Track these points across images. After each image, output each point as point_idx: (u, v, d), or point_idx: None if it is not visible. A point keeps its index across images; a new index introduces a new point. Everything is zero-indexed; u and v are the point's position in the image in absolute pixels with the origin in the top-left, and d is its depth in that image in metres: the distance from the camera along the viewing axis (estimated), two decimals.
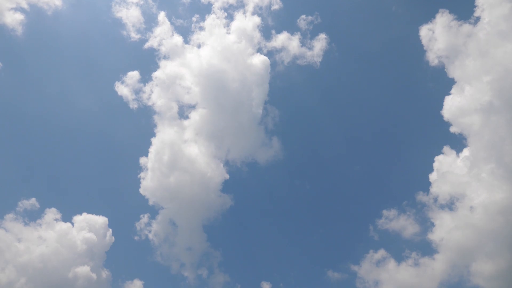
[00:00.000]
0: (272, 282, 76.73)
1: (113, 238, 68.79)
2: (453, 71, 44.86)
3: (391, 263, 68.87)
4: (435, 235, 64.21)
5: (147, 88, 58.49)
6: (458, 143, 55.35)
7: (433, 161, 53.08)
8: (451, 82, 46.50)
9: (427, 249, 69.32)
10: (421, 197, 72.74)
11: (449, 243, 58.72)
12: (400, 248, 72.66)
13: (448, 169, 47.23)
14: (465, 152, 44.92)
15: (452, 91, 44.95)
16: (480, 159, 41.91)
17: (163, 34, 58.63)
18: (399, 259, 71.10)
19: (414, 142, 67.54)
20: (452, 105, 44.07)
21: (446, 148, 49.03)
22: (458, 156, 48.04)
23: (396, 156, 74.10)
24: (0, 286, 51.98)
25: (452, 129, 44.64)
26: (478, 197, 45.48)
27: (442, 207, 67.01)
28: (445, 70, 46.47)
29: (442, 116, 46.01)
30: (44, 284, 55.90)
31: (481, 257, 57.66)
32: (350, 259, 77.13)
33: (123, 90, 57.89)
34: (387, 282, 65.26)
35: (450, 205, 67.26)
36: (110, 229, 69.45)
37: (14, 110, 58.68)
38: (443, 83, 49.85)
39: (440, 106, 45.69)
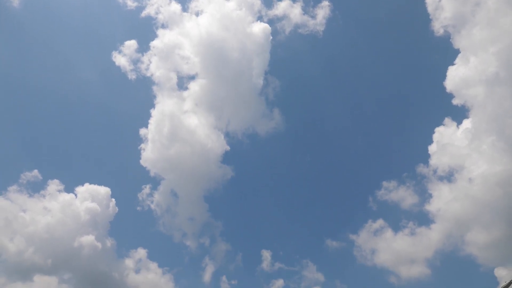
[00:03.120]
0: (272, 250, 78.31)
1: (117, 208, 69.68)
2: (459, 41, 43.61)
3: (388, 233, 70.15)
4: (433, 206, 65.02)
5: (145, 58, 57.17)
6: (460, 114, 54.84)
7: (433, 133, 52.91)
8: (455, 53, 45.24)
9: (424, 219, 70.40)
10: (421, 169, 72.98)
11: (445, 213, 59.59)
12: (397, 218, 73.77)
13: (448, 141, 47.12)
14: (466, 124, 44.58)
15: (456, 61, 43.88)
16: (482, 131, 41.67)
17: (161, 2, 56.19)
18: (396, 228, 72.32)
19: (415, 114, 66.92)
20: (455, 76, 43.24)
21: (447, 120, 48.64)
22: (458, 128, 47.83)
23: (397, 128, 73.75)
24: (11, 255, 53.41)
25: (455, 101, 44.04)
26: (477, 169, 45.66)
27: (441, 178, 67.46)
28: (450, 40, 45.17)
29: (444, 88, 45.36)
30: (52, 253, 57.27)
31: (476, 227, 58.68)
32: (349, 229, 78.45)
33: (120, 60, 56.60)
34: (384, 250, 66.79)
35: (449, 177, 67.59)
36: (113, 200, 70.22)
37: (14, 82, 57.99)
38: (447, 53, 48.58)
39: (443, 77, 44.83)
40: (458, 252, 67.99)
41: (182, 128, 55.25)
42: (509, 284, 10.38)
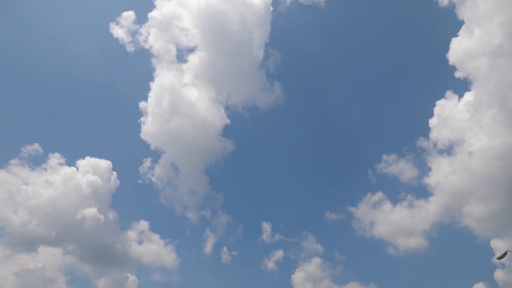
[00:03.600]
0: (272, 222, 79.75)
1: (118, 181, 70.30)
2: (463, 12, 42.46)
3: (387, 205, 71.16)
4: (432, 179, 65.62)
5: (143, 30, 56.03)
6: (462, 87, 54.23)
7: (434, 106, 52.59)
8: (459, 24, 44.16)
9: (423, 192, 71.22)
10: (421, 142, 73.14)
11: (444, 186, 60.16)
12: (396, 191, 74.63)
13: (449, 114, 46.88)
14: (468, 97, 44.17)
15: (460, 33, 42.91)
16: (483, 104, 41.33)
17: None
18: (395, 201, 73.33)
19: (416, 86, 66.23)
20: (458, 48, 42.41)
21: (448, 93, 48.14)
22: (460, 101, 47.44)
23: (398, 101, 73.21)
24: (15, 228, 54.34)
25: (457, 74, 43.41)
26: (477, 142, 45.67)
27: (440, 152, 67.71)
28: (454, 11, 44.03)
29: (447, 60, 44.64)
30: (55, 225, 58.24)
31: (474, 200, 59.37)
32: (348, 201, 79.50)
33: (118, 32, 55.48)
34: (382, 222, 67.99)
35: (448, 150, 67.82)
36: (114, 173, 70.73)
37: (12, 57, 57.07)
38: (451, 24, 47.43)
39: (446, 48, 44.00)
40: (455, 224, 69.12)
41: (182, 101, 54.90)
42: (504, 255, 10.57)
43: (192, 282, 79.84)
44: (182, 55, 53.57)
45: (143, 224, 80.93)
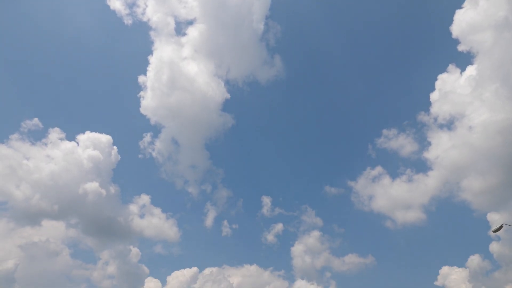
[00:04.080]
0: (272, 196, 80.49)
1: (119, 156, 70.52)
2: None
3: (386, 179, 71.65)
4: (431, 154, 65.74)
5: (141, 2, 54.58)
6: (464, 61, 53.37)
7: (436, 80, 52.02)
8: None
9: (422, 166, 71.48)
10: (421, 117, 72.70)
11: (443, 161, 60.38)
12: (396, 166, 74.93)
13: (451, 89, 46.42)
14: (470, 70, 43.56)
15: (465, 4, 41.77)
16: (486, 78, 40.84)
17: None
18: (394, 175, 73.72)
19: (418, 60, 65.21)
20: (462, 21, 41.44)
21: (451, 67, 47.43)
22: (462, 75, 46.84)
23: (399, 75, 72.33)
24: (18, 202, 55.00)
25: (460, 47, 42.62)
26: (478, 117, 45.47)
27: (441, 126, 67.45)
28: None
29: (450, 33, 43.76)
30: (57, 199, 58.83)
31: (472, 174, 59.71)
32: (348, 176, 79.96)
33: (115, 3, 54.14)
34: (381, 196, 68.63)
35: (449, 125, 67.49)
36: (115, 147, 70.86)
37: (11, 32, 56.05)
38: None
39: (450, 21, 43.11)
40: (453, 198, 69.79)
41: (182, 75, 54.28)
42: (499, 228, 10.74)
43: (193, 255, 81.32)
44: (181, 28, 52.48)
45: (145, 198, 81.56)
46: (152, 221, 78.86)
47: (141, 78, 55.10)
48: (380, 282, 72.59)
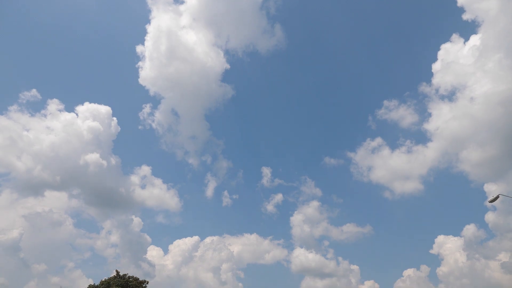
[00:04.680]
0: (272, 167, 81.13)
1: (119, 127, 70.47)
2: None
3: (386, 151, 71.93)
4: (431, 125, 65.62)
5: None
6: (468, 30, 52.23)
7: (439, 50, 51.07)
8: None
9: (422, 137, 71.54)
10: (423, 88, 72.01)
11: (443, 132, 60.35)
12: (395, 137, 74.95)
13: (454, 59, 45.68)
14: (474, 40, 42.71)
15: None
16: (489, 48, 40.09)
17: None
18: (394, 146, 73.92)
19: (421, 29, 63.80)
20: None
21: (454, 36, 46.44)
22: (465, 44, 45.93)
23: (401, 45, 70.93)
24: (20, 173, 55.39)
25: (465, 16, 41.60)
26: (480, 88, 45.05)
27: (442, 97, 66.97)
28: None
29: (455, 1, 42.60)
30: (59, 170, 59.19)
31: (471, 145, 59.91)
32: (347, 147, 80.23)
33: None
34: (380, 167, 69.15)
35: (450, 96, 66.98)
36: (115, 119, 70.61)
37: (8, 3, 54.59)
38: None
39: None
40: (451, 169, 70.35)
41: (180, 45, 53.25)
42: (495, 198, 10.87)
43: (194, 224, 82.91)
44: None
45: (145, 169, 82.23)
46: (154, 192, 79.76)
47: (139, 48, 54.04)
48: (376, 251, 74.36)
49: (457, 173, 71.77)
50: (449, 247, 60.56)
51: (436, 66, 48.09)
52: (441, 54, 47.00)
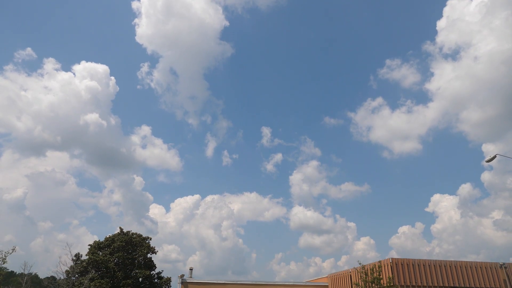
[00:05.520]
0: (271, 127, 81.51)
1: (117, 87, 69.77)
2: None
3: (386, 110, 71.81)
4: (433, 85, 65.08)
5: None
6: None
7: (445, 5, 49.44)
8: None
9: (423, 97, 71.23)
10: (427, 46, 70.59)
11: (445, 92, 59.93)
12: (396, 97, 74.60)
13: (459, 16, 44.35)
14: None
15: None
16: (497, 4, 38.86)
17: None
18: (394, 106, 73.75)
19: None
20: None
21: None
22: (472, 0, 44.39)
23: (406, 0, 68.43)
24: (21, 133, 55.46)
25: None
26: (485, 46, 44.08)
27: (445, 56, 65.83)
28: None
29: None
30: (60, 130, 59.24)
31: (472, 105, 59.69)
32: (347, 106, 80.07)
33: None
34: (379, 127, 69.35)
35: (454, 55, 65.88)
36: (113, 78, 69.82)
37: None
38: None
39: None
40: (450, 129, 70.65)
41: (177, 1, 51.46)
42: (493, 158, 10.99)
43: (195, 183, 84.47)
44: None
45: (145, 129, 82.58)
46: (154, 152, 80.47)
47: (134, 4, 52.27)
48: (373, 209, 76.34)
49: (456, 133, 72.04)
50: (444, 205, 62.13)
51: (441, 24, 46.78)
52: (446, 10, 45.59)
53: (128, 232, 21.66)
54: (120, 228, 21.81)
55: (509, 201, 69.90)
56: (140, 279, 20.29)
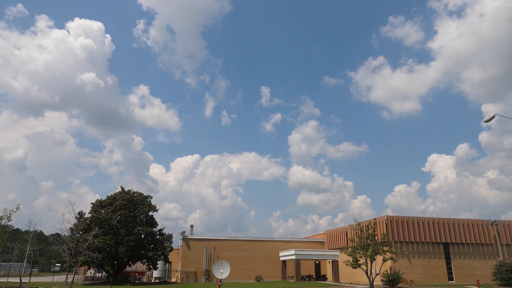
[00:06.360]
0: (271, 86, 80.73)
1: (113, 45, 68.26)
2: None
3: (387, 70, 70.86)
4: (436, 43, 63.72)
5: None
6: None
7: None
8: None
9: (425, 56, 70.14)
10: (432, 3, 68.33)
11: (447, 51, 58.80)
12: (398, 55, 73.46)
13: None
14: None
15: None
16: None
17: None
18: (395, 66, 72.78)
19: None
20: None
21: None
22: None
23: None
24: (18, 93, 54.87)
25: None
26: (492, 3, 42.68)
27: (450, 13, 63.85)
28: None
29: None
30: (57, 90, 58.64)
31: (474, 65, 58.81)
32: (348, 66, 79.05)
33: None
34: (380, 87, 68.69)
35: (459, 12, 63.98)
36: (108, 36, 68.13)
37: None
38: None
39: None
40: (451, 89, 70.05)
41: None
42: (491, 118, 11.00)
43: (194, 143, 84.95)
44: None
45: (143, 89, 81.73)
46: (153, 112, 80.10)
47: None
48: (370, 168, 77.28)
49: (456, 93, 71.52)
50: (441, 165, 63.01)
51: None
52: None
53: (129, 191, 22.08)
54: (121, 187, 22.24)
55: (505, 160, 70.87)
56: (143, 236, 20.97)
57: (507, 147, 66.44)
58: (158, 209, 22.36)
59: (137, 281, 23.20)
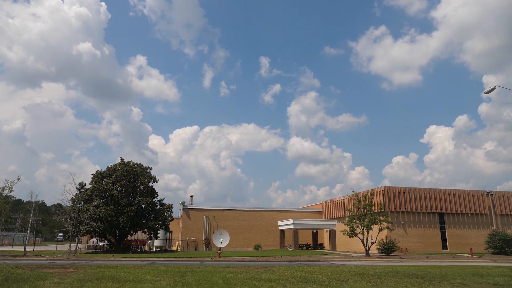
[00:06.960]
0: (270, 57, 79.40)
1: (109, 14, 66.54)
2: None
3: (388, 40, 69.54)
4: (439, 12, 62.22)
5: None
6: None
7: None
8: None
9: (427, 26, 68.67)
10: None
11: (451, 20, 57.51)
12: (400, 25, 71.87)
13: None
14: None
15: None
16: None
17: None
18: (397, 35, 71.35)
19: None
20: None
21: None
22: None
23: None
24: (14, 64, 53.94)
25: None
26: None
27: None
28: None
29: None
30: (53, 61, 57.65)
31: (477, 35, 57.72)
32: (349, 36, 77.47)
33: None
34: (380, 58, 67.64)
35: None
36: (103, 4, 66.30)
37: None
38: None
39: None
40: (452, 60, 69.09)
41: None
42: (492, 90, 10.92)
43: (193, 114, 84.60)
44: None
45: (141, 59, 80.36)
46: (151, 82, 79.17)
47: None
48: (369, 139, 77.48)
49: (457, 64, 70.62)
50: (439, 136, 63.17)
51: None
52: None
53: (129, 162, 22.21)
54: (121, 158, 22.37)
55: (503, 132, 71.05)
56: (143, 206, 21.29)
57: (506, 118, 66.42)
58: (158, 180, 22.61)
59: (139, 250, 23.78)
